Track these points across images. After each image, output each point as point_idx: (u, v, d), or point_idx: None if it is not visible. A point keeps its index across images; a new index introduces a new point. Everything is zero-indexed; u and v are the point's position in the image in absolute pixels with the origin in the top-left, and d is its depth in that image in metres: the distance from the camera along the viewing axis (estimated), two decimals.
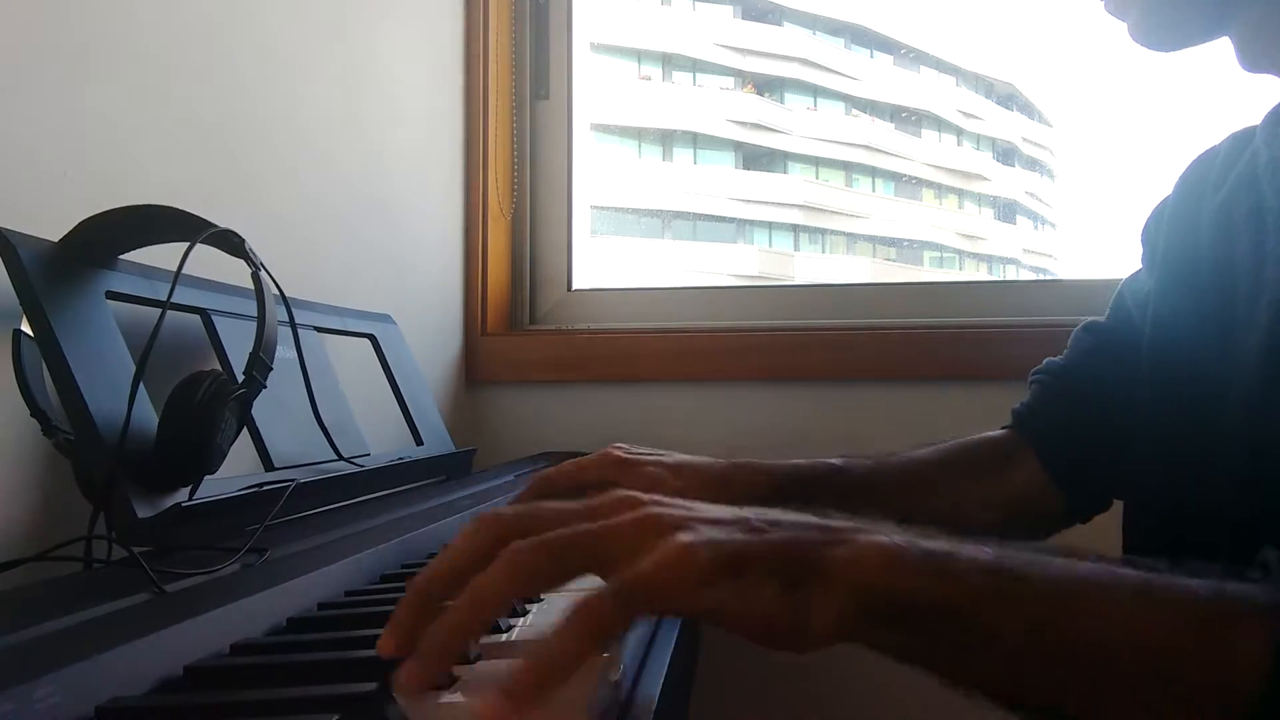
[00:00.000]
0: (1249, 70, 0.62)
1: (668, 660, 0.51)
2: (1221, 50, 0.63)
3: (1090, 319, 0.85)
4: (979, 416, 1.29)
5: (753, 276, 8.11)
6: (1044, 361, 0.87)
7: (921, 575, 0.37)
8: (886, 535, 0.39)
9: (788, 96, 9.27)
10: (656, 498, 0.42)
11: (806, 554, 0.38)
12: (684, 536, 0.37)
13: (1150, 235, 0.78)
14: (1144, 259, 0.79)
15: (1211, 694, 0.34)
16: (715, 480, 0.77)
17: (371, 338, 1.05)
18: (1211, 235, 0.67)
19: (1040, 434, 0.83)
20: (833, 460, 0.84)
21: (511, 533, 0.40)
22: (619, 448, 0.77)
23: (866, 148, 8.95)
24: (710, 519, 0.40)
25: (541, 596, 0.54)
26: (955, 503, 0.83)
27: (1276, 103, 0.64)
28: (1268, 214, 0.61)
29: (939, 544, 0.39)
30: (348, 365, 0.99)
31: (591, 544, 0.39)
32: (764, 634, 0.38)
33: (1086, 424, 0.80)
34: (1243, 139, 0.70)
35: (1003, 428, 0.88)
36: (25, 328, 0.63)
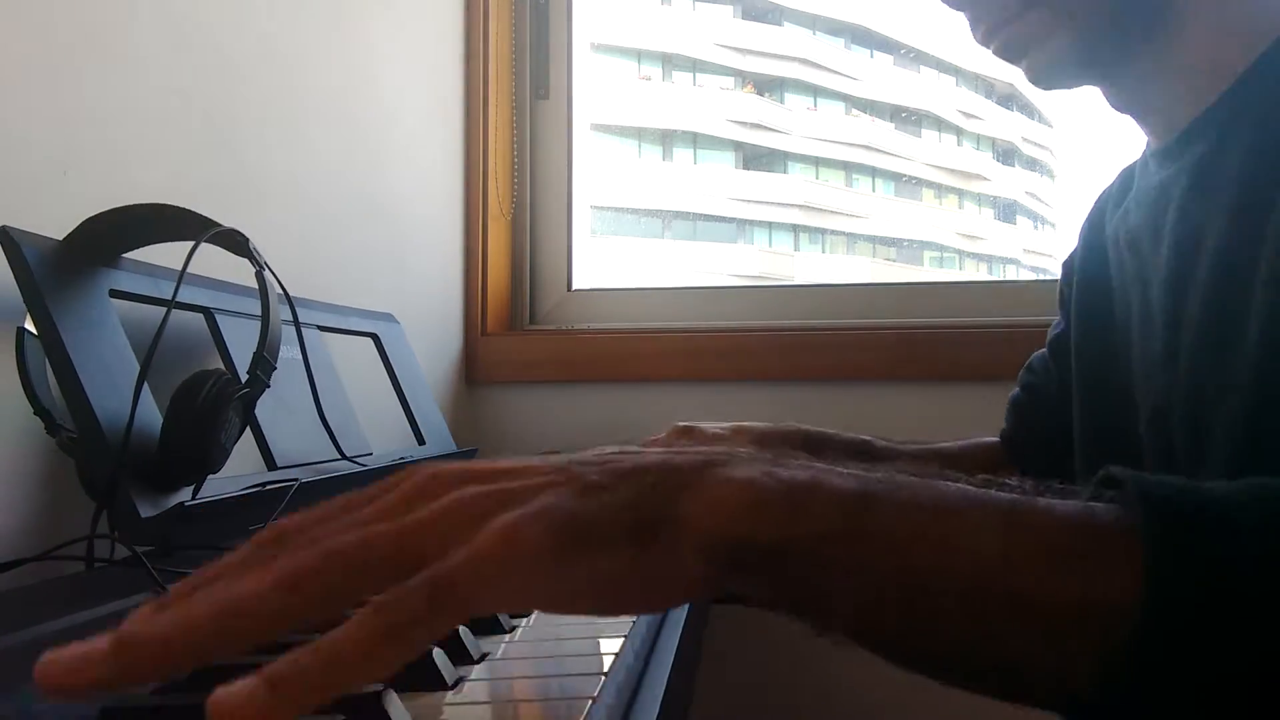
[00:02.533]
0: (1117, 110, 0.69)
1: (674, 650, 0.51)
2: None
3: (1034, 353, 0.95)
4: (979, 416, 1.30)
5: (753, 276, 8.11)
6: (1010, 394, 0.97)
7: (781, 517, 0.33)
8: (747, 470, 0.34)
9: (788, 96, 9.26)
10: (469, 468, 0.34)
11: (655, 509, 0.33)
12: (512, 514, 0.31)
13: (1063, 285, 0.87)
14: (1061, 308, 0.88)
15: (1087, 622, 0.33)
16: (756, 436, 0.91)
17: (374, 337, 1.06)
18: (1113, 261, 0.74)
19: (1015, 456, 0.93)
20: (864, 436, 0.94)
21: (291, 543, 0.31)
22: (686, 423, 0.91)
23: (866, 148, 8.94)
24: (536, 483, 0.33)
25: None
26: None
27: (1144, 147, 0.72)
28: (1143, 243, 0.68)
29: (801, 473, 0.35)
30: (349, 364, 0.99)
31: (390, 544, 0.31)
32: (616, 605, 0.34)
33: (1039, 444, 0.89)
34: (1128, 177, 0.77)
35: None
36: (29, 326, 0.63)
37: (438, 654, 0.42)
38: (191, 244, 0.65)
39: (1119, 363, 0.72)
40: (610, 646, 0.46)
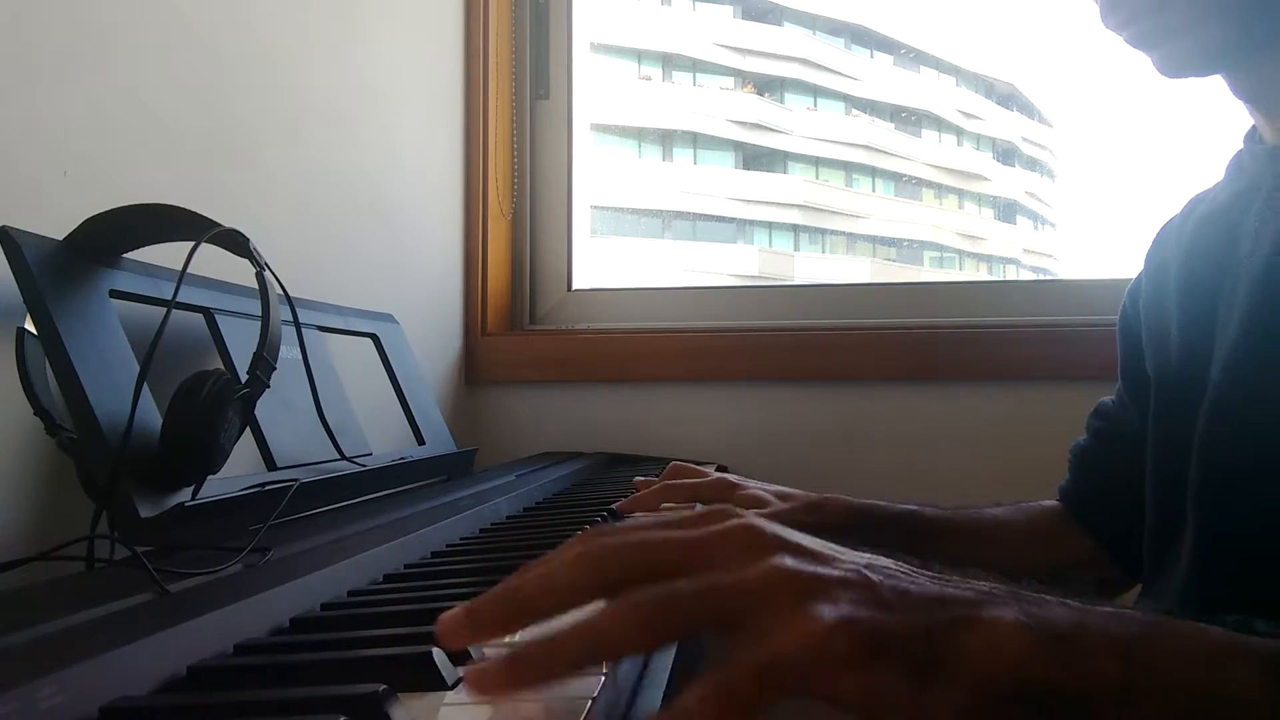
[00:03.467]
0: (1239, 98, 0.67)
1: (674, 649, 0.51)
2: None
3: (1100, 400, 0.91)
4: (979, 416, 1.30)
5: (753, 276, 8.11)
6: (1073, 443, 0.93)
7: (1055, 663, 0.35)
8: (1012, 612, 0.36)
9: (788, 96, 9.27)
10: (776, 533, 0.38)
11: (940, 643, 0.35)
12: (824, 611, 0.34)
13: (1127, 314, 0.84)
14: (1120, 341, 0.85)
15: None
16: (806, 507, 0.87)
17: (374, 337, 1.06)
18: (1177, 278, 0.72)
19: (1079, 511, 0.89)
20: (909, 504, 0.91)
21: (621, 567, 0.37)
22: (730, 476, 0.89)
23: (866, 148, 8.94)
24: (838, 578, 0.36)
25: None
26: (1019, 561, 0.90)
27: (1240, 150, 0.70)
28: (1240, 243, 0.65)
29: (1066, 616, 0.37)
30: (350, 365, 0.99)
31: (719, 601, 0.35)
32: (890, 717, 0.36)
33: (1111, 495, 0.85)
34: (1195, 201, 0.76)
35: (1055, 501, 0.93)
36: (29, 326, 0.63)
37: (437, 654, 0.42)
38: (191, 244, 0.65)
39: (1177, 390, 0.69)
40: None
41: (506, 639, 0.39)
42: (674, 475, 0.96)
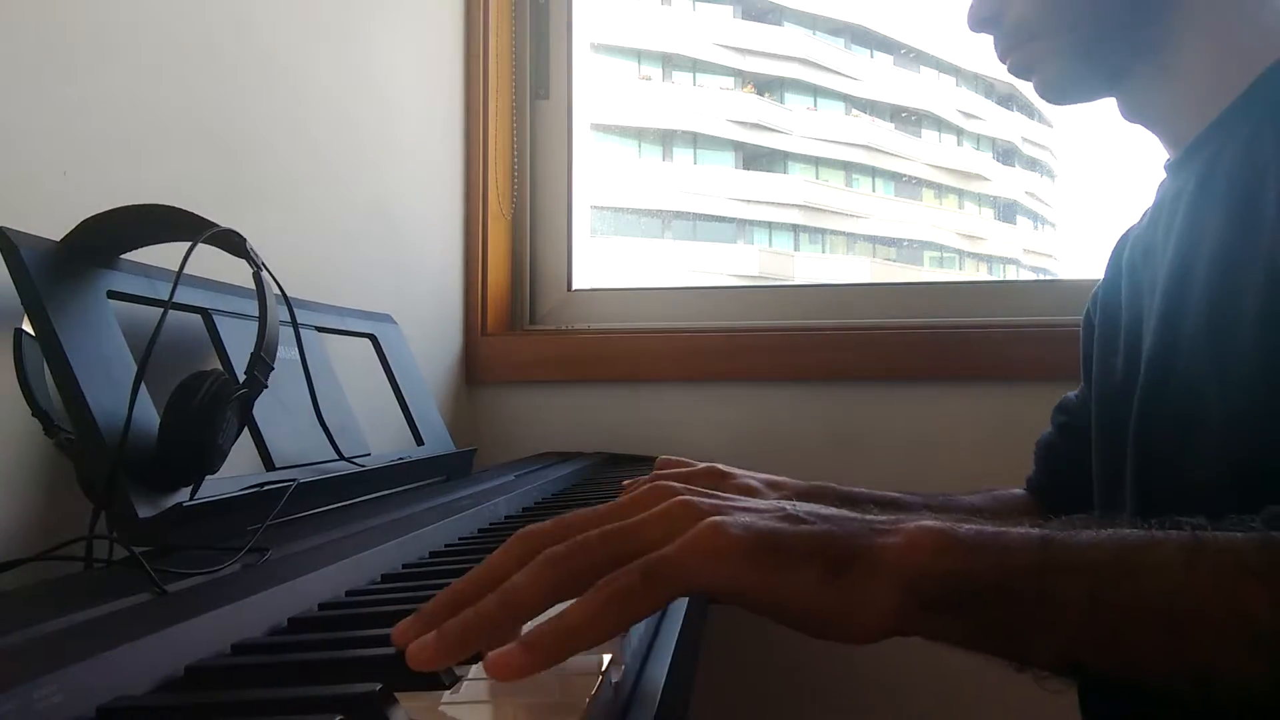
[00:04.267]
0: (1129, 121, 0.73)
1: (672, 648, 0.51)
2: None
3: (1064, 395, 0.94)
4: (979, 416, 1.30)
5: (753, 276, 8.11)
6: (1038, 437, 0.96)
7: (975, 555, 0.38)
8: (934, 520, 0.39)
9: (788, 96, 9.27)
10: (692, 487, 0.42)
11: (851, 542, 0.38)
12: (722, 518, 0.38)
13: (1087, 319, 0.87)
14: (1082, 343, 0.89)
15: (1278, 640, 0.35)
16: (795, 494, 0.86)
17: (372, 338, 1.06)
18: (1125, 283, 0.77)
19: (1044, 503, 0.92)
20: (891, 493, 0.92)
21: (549, 542, 0.41)
22: (719, 466, 0.91)
23: (866, 148, 8.94)
24: (748, 507, 0.40)
25: None
26: None
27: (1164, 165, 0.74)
28: (1156, 249, 0.71)
29: (984, 526, 0.40)
30: (348, 365, 0.99)
31: (623, 537, 0.39)
32: (806, 621, 0.38)
33: (1073, 488, 0.86)
34: (1147, 210, 0.79)
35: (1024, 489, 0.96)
36: (27, 327, 0.63)
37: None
38: (189, 245, 0.65)
39: (1121, 370, 0.74)
40: (608, 646, 0.46)
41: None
42: (663, 469, 0.96)
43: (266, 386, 0.67)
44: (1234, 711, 0.37)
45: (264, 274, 0.68)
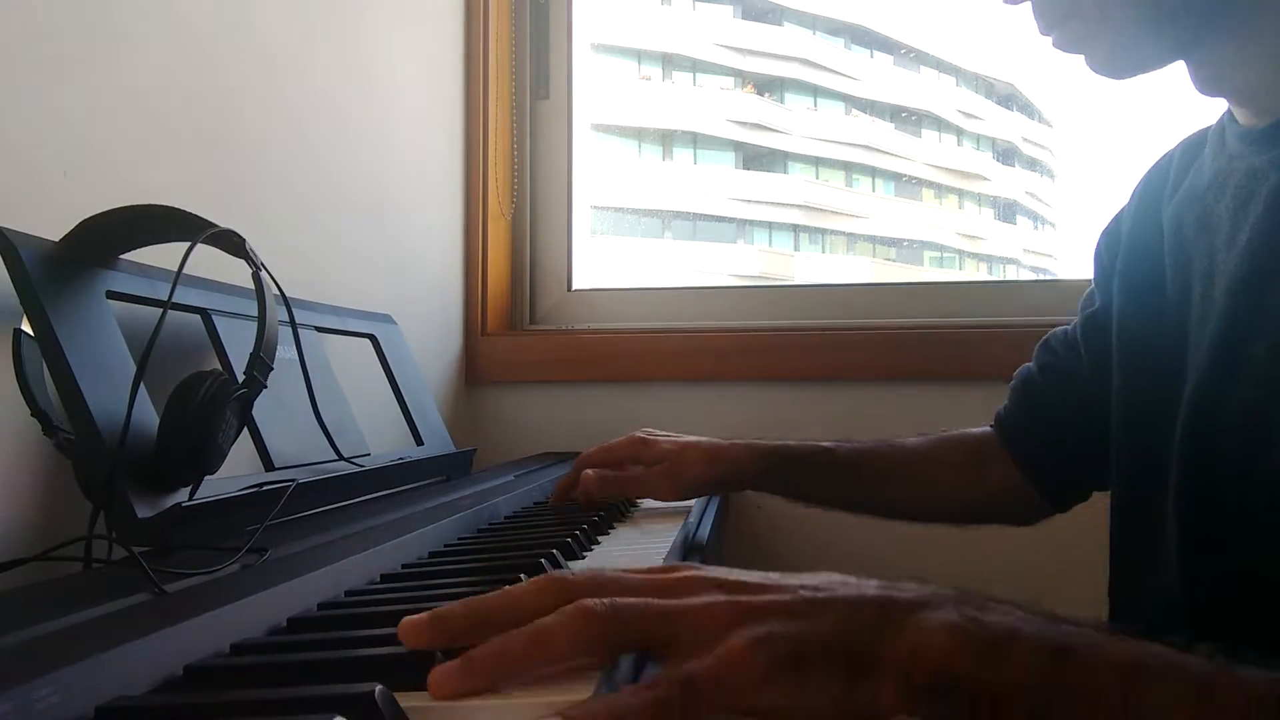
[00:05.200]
0: (1203, 93, 0.66)
1: None
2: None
3: (1051, 331, 0.91)
4: (979, 416, 1.29)
5: (753, 276, 8.11)
6: (1018, 369, 0.93)
7: (985, 660, 0.37)
8: (946, 613, 0.38)
9: (788, 96, 9.26)
10: (720, 578, 0.42)
11: (865, 647, 0.38)
12: (746, 632, 0.38)
13: (1101, 258, 0.82)
14: (1096, 284, 0.84)
15: None
16: (708, 454, 0.90)
17: (372, 338, 1.06)
18: (1170, 241, 0.71)
19: (1012, 439, 0.90)
20: (824, 443, 0.92)
21: (584, 594, 0.41)
22: (643, 431, 0.95)
23: (866, 148, 8.94)
24: (767, 603, 0.40)
25: None
26: (936, 492, 0.91)
27: (1222, 115, 0.68)
28: (1218, 227, 0.65)
29: (1002, 619, 0.38)
30: (348, 365, 0.99)
31: (662, 622, 0.40)
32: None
33: (1046, 427, 0.86)
34: (1194, 145, 0.73)
35: (985, 427, 0.94)
36: (26, 327, 0.63)
37: (437, 654, 0.42)
38: (188, 245, 0.65)
39: (1166, 341, 0.69)
40: None
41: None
42: (586, 460, 0.97)
43: (266, 386, 0.67)
44: None
45: (263, 274, 0.68)
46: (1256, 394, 0.58)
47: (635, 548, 0.77)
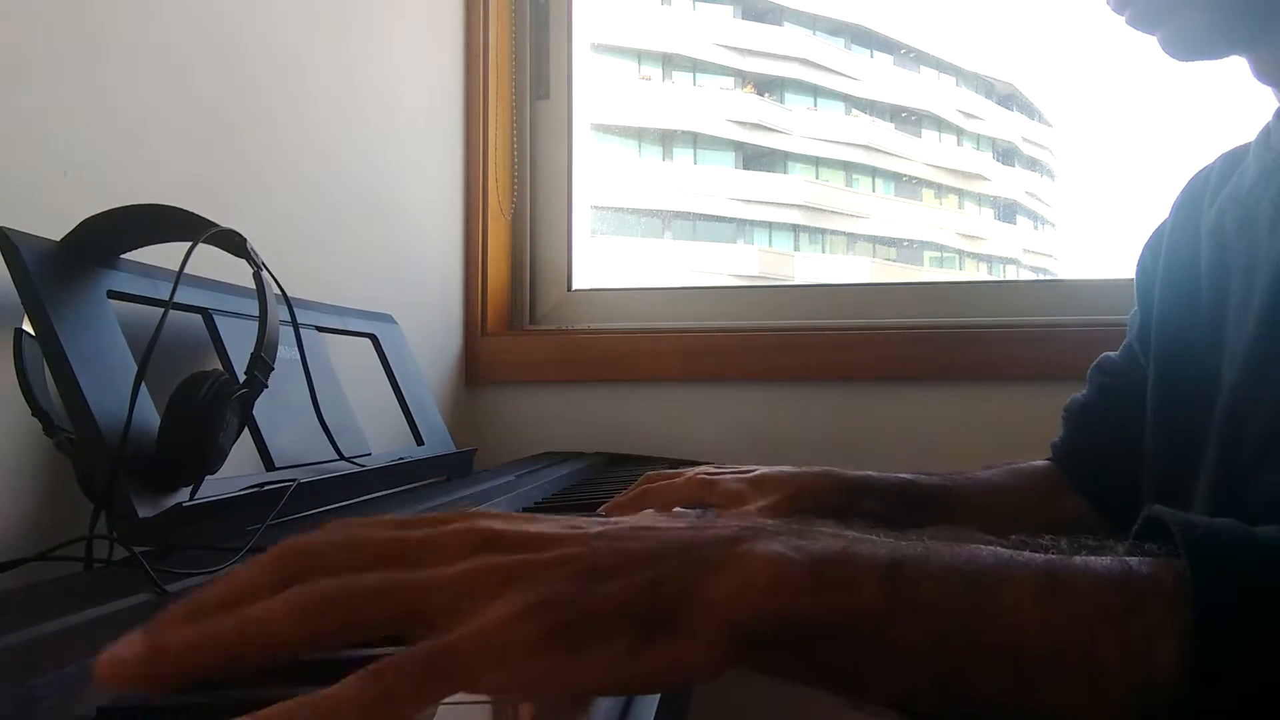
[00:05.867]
0: (1261, 82, 0.64)
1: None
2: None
3: (1101, 355, 0.89)
4: (979, 416, 1.30)
5: (753, 276, 8.11)
6: (1069, 399, 0.91)
7: (812, 592, 0.33)
8: (769, 545, 0.34)
9: (788, 96, 9.27)
10: (498, 529, 0.35)
11: (670, 600, 0.33)
12: (517, 598, 0.32)
13: (1145, 266, 0.81)
14: (1138, 293, 0.82)
15: (1129, 688, 0.32)
16: (791, 494, 0.81)
17: (373, 337, 1.06)
18: (1208, 249, 0.70)
19: (1073, 470, 0.87)
20: (904, 474, 0.88)
21: (314, 569, 0.33)
22: (703, 471, 0.84)
23: (866, 148, 8.94)
24: (550, 558, 0.33)
25: None
26: (1012, 524, 0.87)
27: (1265, 125, 0.68)
28: (1260, 222, 0.63)
29: (830, 543, 0.35)
30: (349, 365, 0.99)
31: (408, 598, 0.32)
32: (620, 689, 0.34)
33: (1112, 455, 0.82)
34: (1235, 157, 0.73)
35: (1045, 459, 0.91)
36: (27, 327, 0.63)
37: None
38: (189, 245, 0.65)
39: (1202, 349, 0.68)
40: None
41: None
42: (648, 484, 0.88)
43: (267, 386, 0.67)
44: None
45: (264, 274, 0.68)
46: None
47: None
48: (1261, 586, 0.32)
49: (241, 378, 0.65)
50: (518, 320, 1.53)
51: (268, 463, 0.77)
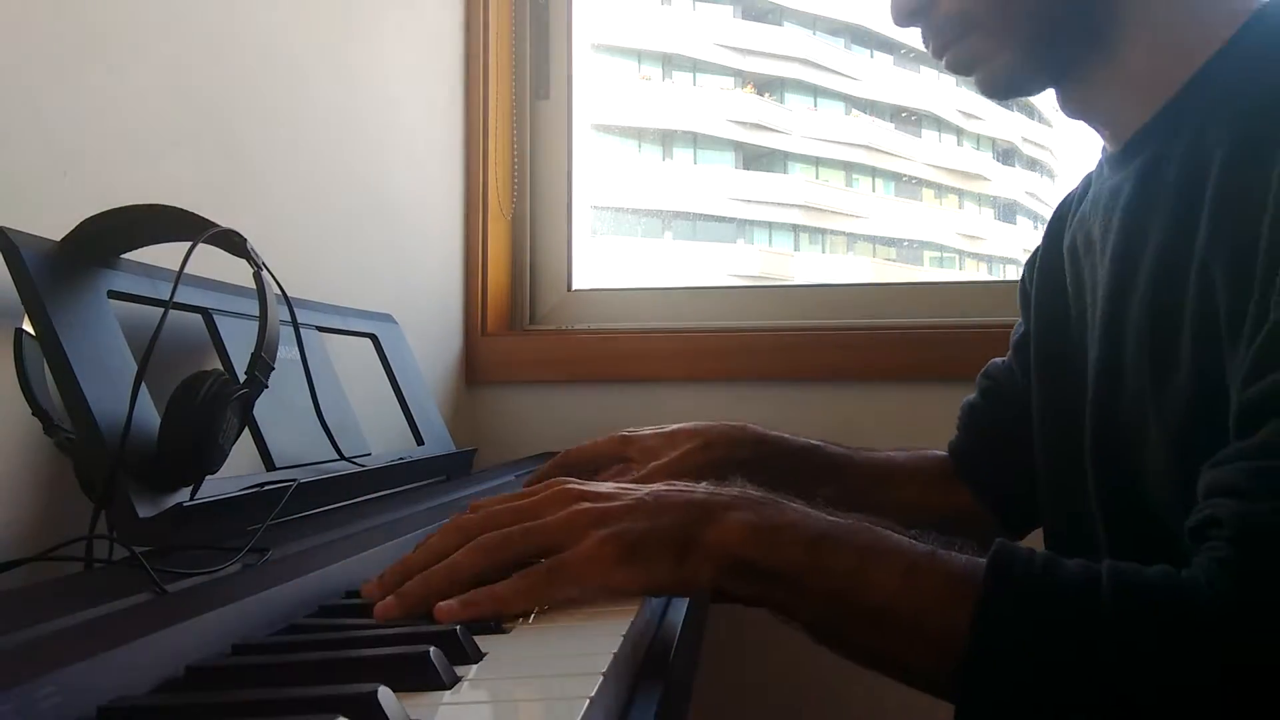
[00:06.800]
0: (1070, 117, 0.71)
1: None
2: None
3: (991, 360, 0.96)
4: None
5: (753, 276, 8.10)
6: (963, 400, 0.97)
7: (766, 547, 0.53)
8: (747, 513, 0.54)
9: (788, 96, 9.26)
10: (584, 489, 0.58)
11: (689, 537, 0.53)
12: (602, 531, 0.54)
13: (1025, 284, 0.88)
14: (1020, 308, 0.90)
15: (943, 645, 0.48)
16: (703, 444, 0.93)
17: (373, 337, 1.06)
18: (1069, 268, 0.77)
19: (964, 466, 0.93)
20: (814, 441, 0.95)
21: (478, 531, 0.57)
22: (624, 431, 0.99)
23: (866, 148, 8.94)
24: (621, 507, 0.55)
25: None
26: (908, 506, 0.94)
27: (1101, 151, 0.74)
28: (1094, 245, 0.71)
29: (784, 515, 0.54)
30: (349, 365, 0.99)
31: (541, 535, 0.55)
32: (661, 591, 0.57)
33: (991, 452, 0.90)
34: (1089, 180, 0.79)
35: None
36: (27, 327, 0.63)
37: (436, 654, 0.42)
38: (189, 245, 0.65)
39: (1073, 363, 0.74)
40: (608, 646, 0.46)
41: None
42: (566, 458, 0.98)
43: (267, 386, 0.67)
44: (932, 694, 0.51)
45: (264, 274, 0.68)
46: (1133, 397, 0.63)
47: None
48: (1031, 607, 0.47)
49: (242, 378, 0.65)
50: (518, 320, 1.53)
51: (268, 463, 0.77)
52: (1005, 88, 0.69)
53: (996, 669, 0.47)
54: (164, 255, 0.71)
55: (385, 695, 0.36)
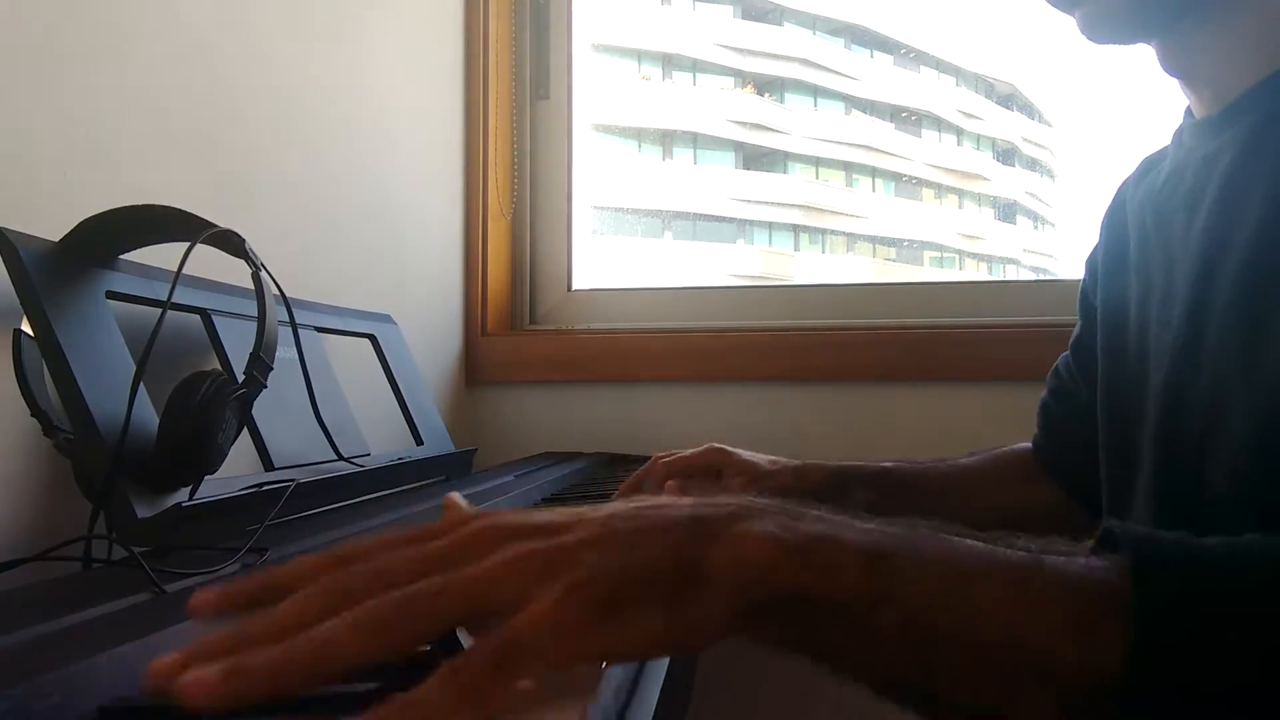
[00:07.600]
0: (1168, 73, 0.66)
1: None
2: None
3: (1060, 356, 0.93)
4: (979, 416, 1.30)
5: (753, 276, 8.10)
6: (1040, 397, 0.94)
7: (802, 569, 0.35)
8: (763, 524, 0.36)
9: (788, 96, 9.26)
10: (518, 522, 0.38)
11: (683, 563, 0.35)
12: (560, 582, 0.34)
13: (1085, 290, 0.85)
14: (1079, 307, 0.87)
15: (1085, 688, 0.34)
16: (793, 472, 0.90)
17: (372, 338, 1.06)
18: (1135, 243, 0.73)
19: (1046, 462, 0.90)
20: (884, 462, 0.92)
21: (365, 589, 0.35)
22: (718, 445, 0.93)
23: (866, 148, 8.94)
24: (576, 541, 0.36)
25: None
26: (988, 508, 0.92)
27: (1182, 121, 0.70)
28: (1175, 219, 0.66)
29: (818, 526, 0.37)
30: (348, 365, 0.99)
31: (462, 598, 0.35)
32: (658, 653, 0.36)
33: (1070, 448, 0.87)
34: (1151, 161, 0.76)
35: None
36: (26, 328, 0.63)
37: (435, 654, 0.42)
38: (188, 245, 0.65)
39: (1133, 341, 0.70)
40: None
41: None
42: (655, 464, 0.94)
43: (265, 386, 0.67)
44: None
45: (263, 274, 0.68)
46: (1212, 380, 0.58)
47: None
48: (1199, 592, 0.35)
49: (240, 378, 0.65)
50: (518, 320, 1.53)
51: (267, 463, 0.77)
52: (1109, 29, 0.63)
53: (1176, 681, 0.34)
54: (163, 256, 0.71)
55: (385, 695, 0.36)
